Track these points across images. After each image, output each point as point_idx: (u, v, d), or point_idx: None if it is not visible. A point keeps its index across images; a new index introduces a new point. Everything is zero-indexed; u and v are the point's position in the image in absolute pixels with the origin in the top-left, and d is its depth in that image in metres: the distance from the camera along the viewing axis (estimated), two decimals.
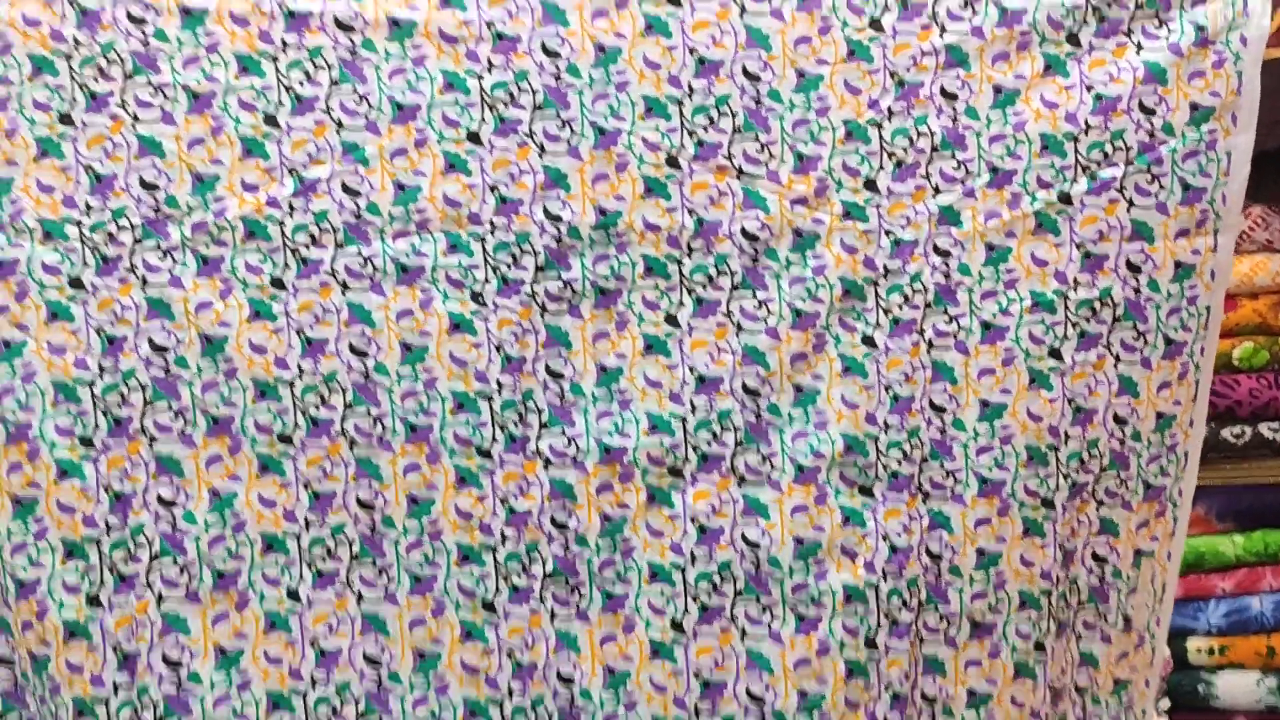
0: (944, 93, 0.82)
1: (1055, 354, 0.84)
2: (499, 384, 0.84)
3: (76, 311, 0.80)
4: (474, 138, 0.82)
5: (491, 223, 0.83)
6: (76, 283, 0.80)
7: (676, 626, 0.84)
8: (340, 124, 0.82)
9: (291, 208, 0.82)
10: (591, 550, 0.84)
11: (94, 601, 0.80)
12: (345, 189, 0.82)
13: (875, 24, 0.82)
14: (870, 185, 0.83)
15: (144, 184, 0.81)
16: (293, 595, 0.83)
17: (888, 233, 0.83)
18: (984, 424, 0.84)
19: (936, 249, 0.83)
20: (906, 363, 0.84)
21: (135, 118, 0.80)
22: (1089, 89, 0.81)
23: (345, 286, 0.83)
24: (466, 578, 0.84)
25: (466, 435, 0.84)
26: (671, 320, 0.84)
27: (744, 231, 0.83)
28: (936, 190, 0.83)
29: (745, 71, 0.82)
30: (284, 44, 0.81)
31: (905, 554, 0.84)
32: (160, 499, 0.82)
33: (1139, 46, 0.81)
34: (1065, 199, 0.82)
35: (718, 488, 0.84)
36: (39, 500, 0.80)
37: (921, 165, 0.83)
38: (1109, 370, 0.84)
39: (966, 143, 0.83)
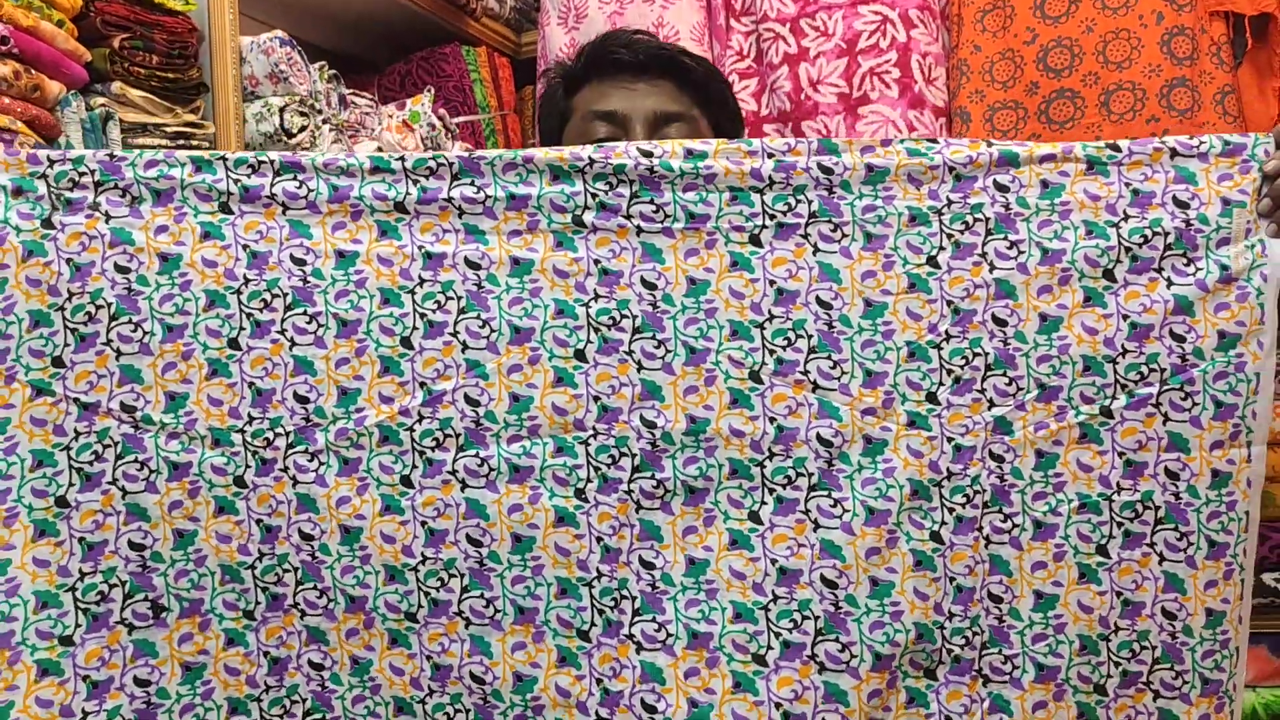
0: (995, 319, 0.93)
1: (1103, 551, 0.92)
2: (598, 572, 0.94)
3: (240, 505, 0.93)
4: (580, 355, 0.94)
5: (594, 428, 0.94)
6: (240, 481, 0.93)
7: None
8: (465, 345, 0.94)
9: (421, 416, 0.94)
10: None
11: None
12: (467, 399, 0.95)
13: (932, 260, 0.93)
14: (931, 398, 0.94)
15: (297, 397, 0.94)
16: None
17: (949, 439, 0.93)
18: (1038, 613, 0.93)
19: (992, 455, 0.93)
20: (969, 557, 0.93)
21: (292, 342, 0.94)
22: (1125, 318, 0.92)
23: (464, 484, 0.95)
24: None
25: (568, 618, 0.94)
26: (754, 517, 0.94)
27: (819, 438, 0.94)
28: (991, 403, 0.93)
29: (819, 300, 0.94)
30: (421, 279, 0.94)
31: None
32: (310, 663, 0.94)
33: (1169, 282, 0.91)
34: (1107, 413, 0.92)
35: (800, 674, 0.93)
36: (207, 665, 0.93)
37: (977, 381, 0.93)
38: (1154, 568, 0.92)
39: (1017, 363, 0.93)
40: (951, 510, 0.93)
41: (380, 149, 1.77)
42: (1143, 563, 0.92)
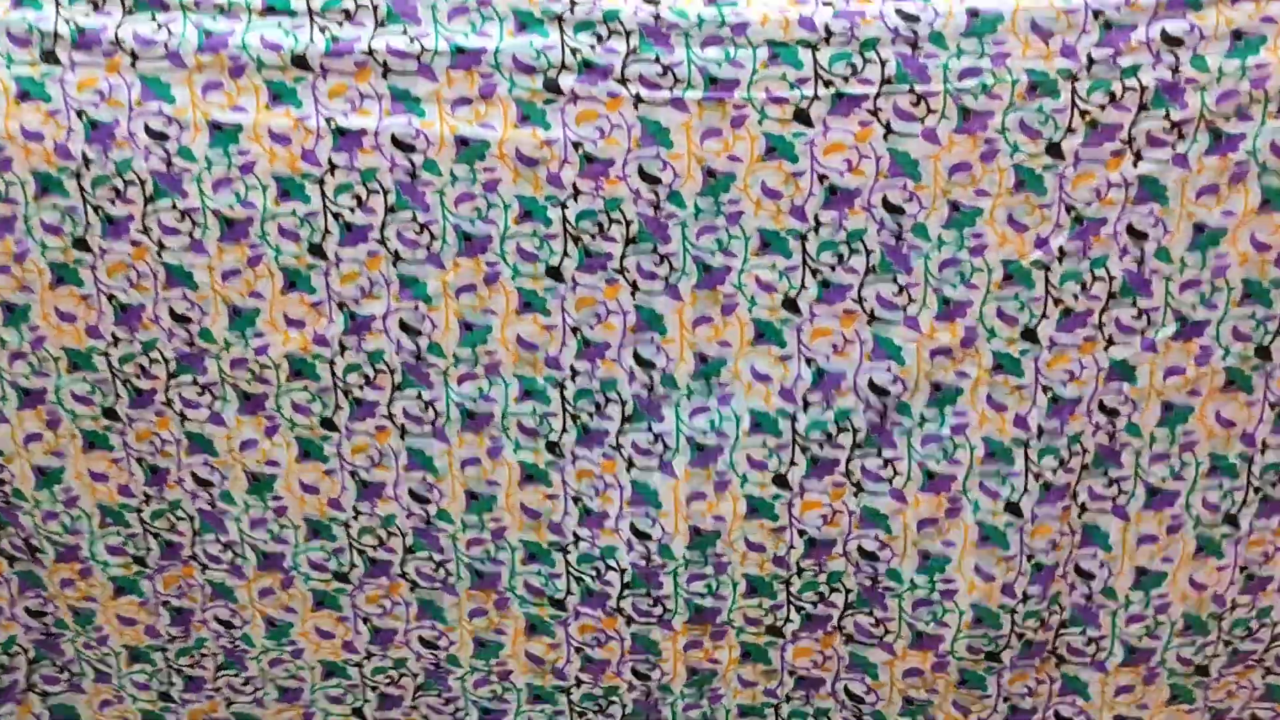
0: (1131, 231, 0.67)
1: (1231, 520, 0.74)
2: (576, 537, 0.76)
3: (114, 441, 0.75)
4: (554, 273, 0.70)
5: (572, 368, 0.72)
6: (111, 413, 0.74)
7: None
8: (398, 255, 0.70)
9: (343, 347, 0.71)
10: None
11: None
12: (404, 327, 0.71)
13: (1054, 149, 0.66)
14: (1029, 335, 0.70)
15: (175, 316, 0.71)
16: (358, 714, 0.84)
17: (1045, 389, 0.70)
18: (1138, 592, 0.76)
19: (1103, 407, 0.71)
20: (1055, 530, 0.73)
21: (160, 245, 0.69)
22: None
23: (404, 431, 0.73)
24: (539, 715, 0.82)
25: (539, 585, 0.78)
26: (780, 482, 0.74)
27: (872, 384, 0.71)
28: (1110, 342, 0.69)
29: (886, 203, 0.67)
30: (332, 165, 0.67)
31: (1028, 715, 0.80)
32: (218, 619, 0.81)
33: None
34: (1264, 353, 0.69)
35: (820, 645, 0.80)
36: (96, 612, 0.81)
37: (1094, 314, 0.69)
38: None
39: (1152, 288, 0.68)
40: (1038, 476, 0.73)
41: None
42: (1278, 532, 0.73)
